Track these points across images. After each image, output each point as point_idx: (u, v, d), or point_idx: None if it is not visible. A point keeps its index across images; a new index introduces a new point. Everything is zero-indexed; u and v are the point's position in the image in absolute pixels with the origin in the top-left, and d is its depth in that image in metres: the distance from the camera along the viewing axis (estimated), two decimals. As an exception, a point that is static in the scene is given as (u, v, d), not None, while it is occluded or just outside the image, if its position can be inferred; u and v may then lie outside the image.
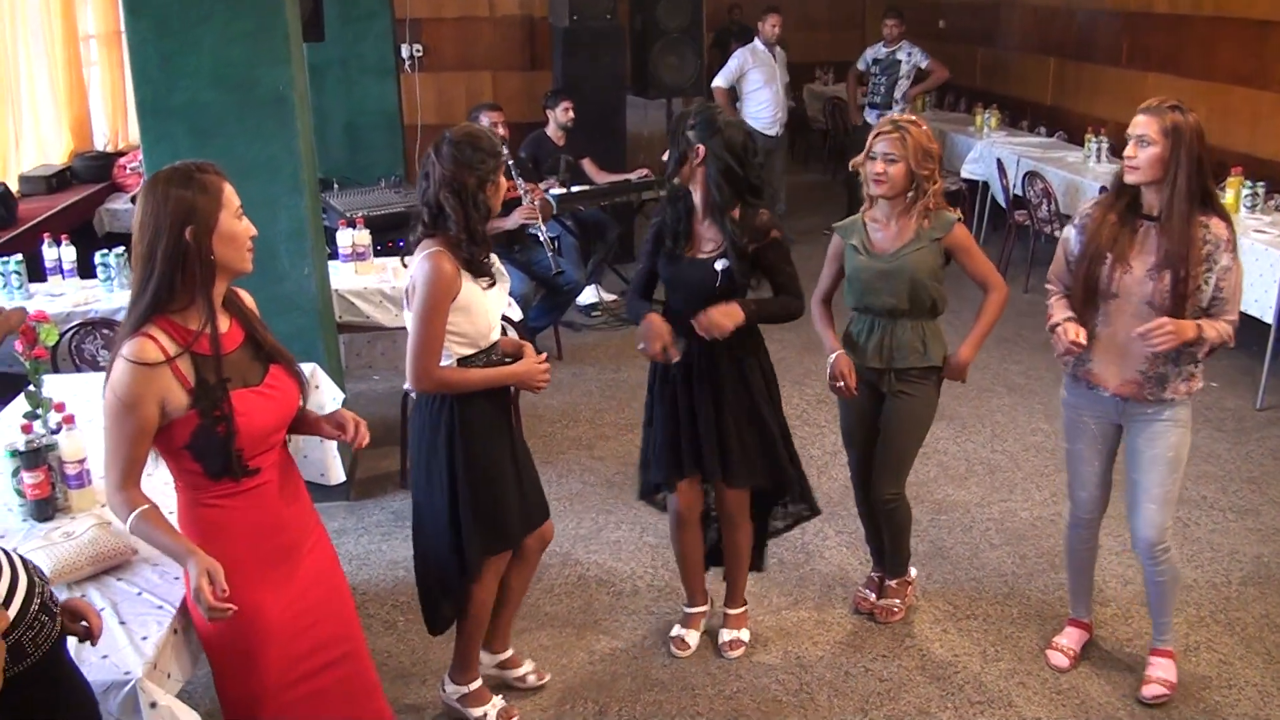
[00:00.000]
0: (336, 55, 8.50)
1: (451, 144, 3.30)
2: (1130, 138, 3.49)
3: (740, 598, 4.22)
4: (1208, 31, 8.49)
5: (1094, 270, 3.57)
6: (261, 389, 2.71)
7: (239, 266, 2.67)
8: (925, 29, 12.73)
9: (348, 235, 5.77)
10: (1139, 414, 3.66)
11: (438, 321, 3.29)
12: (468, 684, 3.78)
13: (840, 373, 3.94)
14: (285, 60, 4.67)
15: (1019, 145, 9.49)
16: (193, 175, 2.59)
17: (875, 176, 3.80)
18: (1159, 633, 3.96)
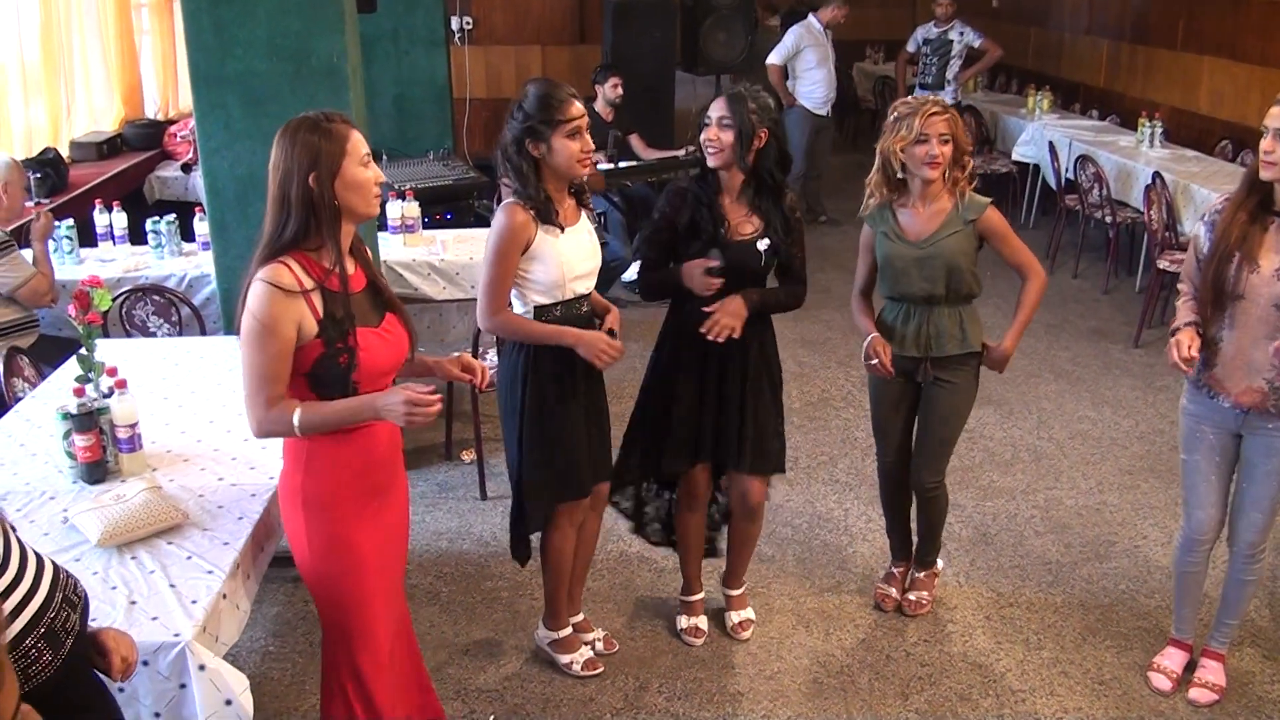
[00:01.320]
0: (388, 27, 8.53)
1: (520, 98, 3.44)
2: (1267, 130, 3.28)
3: (740, 578, 4.21)
4: (1266, 16, 8.33)
5: (1222, 270, 3.40)
6: (380, 330, 2.82)
7: (364, 210, 2.76)
8: (978, 8, 12.59)
9: (397, 207, 5.78)
10: (1259, 426, 3.49)
11: (501, 265, 3.40)
12: (557, 630, 3.93)
13: (875, 351, 3.84)
14: (339, 30, 4.67)
15: (1071, 128, 9.37)
16: (320, 123, 2.68)
17: (931, 159, 3.70)
18: (1219, 634, 3.87)
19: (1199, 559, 3.78)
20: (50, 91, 7.28)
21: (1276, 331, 3.34)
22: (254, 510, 3.17)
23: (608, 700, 3.82)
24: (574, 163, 3.39)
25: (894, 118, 3.76)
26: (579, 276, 3.51)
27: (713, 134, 3.61)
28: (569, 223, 3.49)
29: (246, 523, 3.10)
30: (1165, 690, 3.87)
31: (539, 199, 3.39)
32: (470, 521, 4.92)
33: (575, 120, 3.36)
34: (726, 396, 3.80)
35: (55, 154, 6.91)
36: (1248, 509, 3.60)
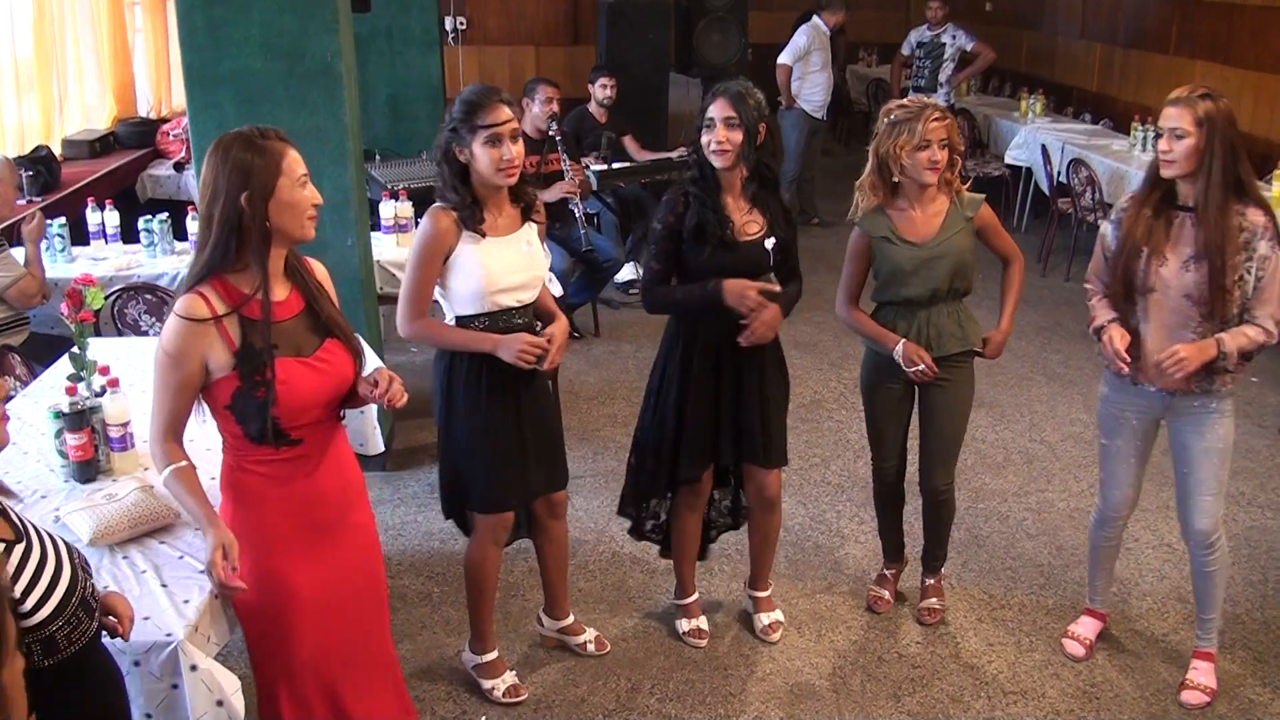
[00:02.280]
0: (382, 26, 8.50)
1: (452, 102, 3.38)
2: (1163, 131, 3.44)
3: (768, 580, 4.21)
4: (1259, 20, 8.36)
5: (1131, 265, 3.54)
6: (312, 360, 2.71)
7: (298, 234, 2.66)
8: (971, 11, 12.62)
9: (390, 207, 5.78)
10: (1185, 408, 3.62)
11: (422, 271, 3.36)
12: (481, 654, 3.85)
13: (916, 356, 3.80)
14: (334, 30, 4.67)
15: (1064, 132, 9.39)
16: (254, 140, 2.59)
17: (934, 164, 3.71)
18: (1203, 632, 3.91)
19: (1114, 534, 4.00)
20: (43, 89, 7.27)
21: (1189, 320, 3.49)
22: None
23: (600, 701, 3.81)
24: (494, 171, 3.28)
25: (891, 120, 3.75)
26: (506, 289, 3.40)
27: (721, 135, 3.56)
28: (502, 232, 3.40)
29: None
30: (1079, 655, 4.04)
31: (464, 204, 3.32)
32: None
33: (496, 127, 3.25)
34: (745, 396, 3.80)
35: (48, 152, 6.90)
36: (1194, 494, 3.68)
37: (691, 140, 3.70)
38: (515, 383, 3.49)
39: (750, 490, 4.00)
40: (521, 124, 6.12)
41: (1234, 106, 3.47)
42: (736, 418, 3.81)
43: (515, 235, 3.45)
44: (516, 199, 3.46)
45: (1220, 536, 3.74)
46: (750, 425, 3.82)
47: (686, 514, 4.01)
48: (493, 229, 3.38)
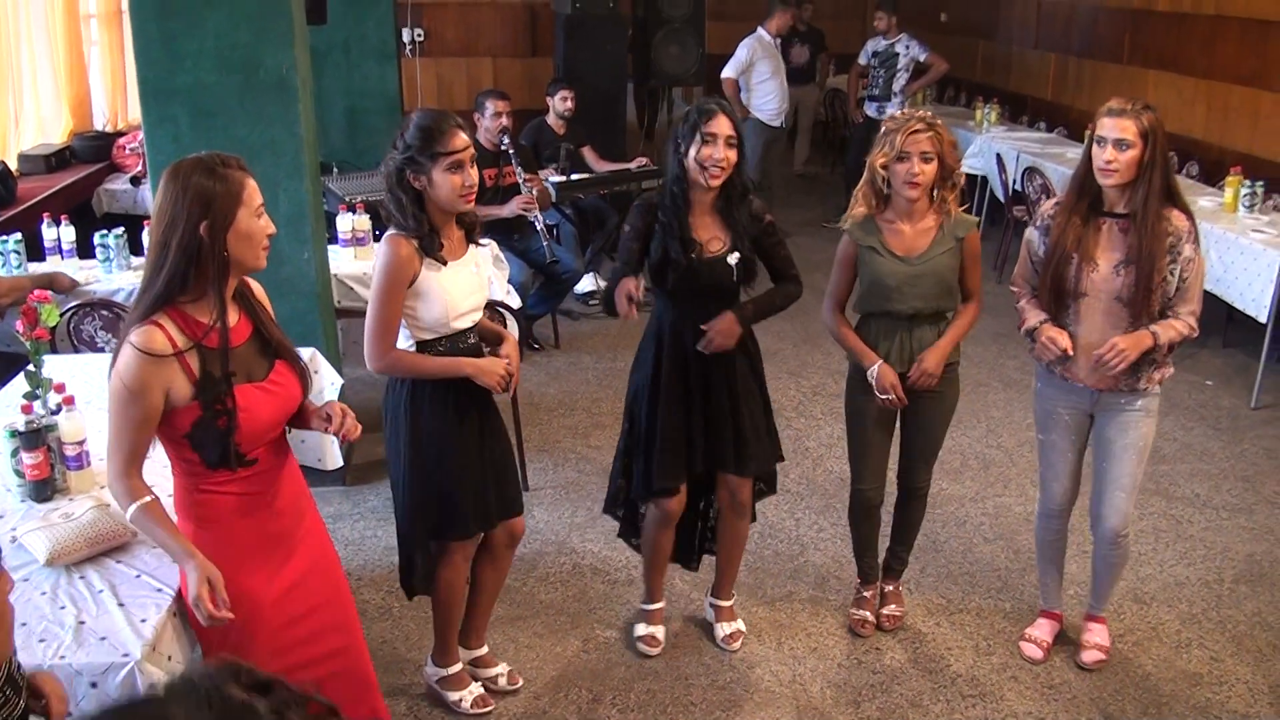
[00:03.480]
0: (338, 39, 8.50)
1: (399, 130, 3.33)
2: (1105, 141, 3.49)
3: (730, 589, 4.23)
4: (1209, 30, 8.49)
5: (1062, 270, 3.62)
6: (265, 384, 2.71)
7: (252, 264, 2.65)
8: (927, 21, 12.73)
9: (347, 220, 5.76)
10: (1112, 404, 3.73)
11: (389, 303, 3.31)
12: (446, 667, 3.83)
13: (890, 384, 3.80)
14: (289, 43, 4.66)
15: (1019, 140, 9.50)
16: (215, 168, 2.56)
17: (911, 179, 3.66)
18: (1098, 602, 4.10)
19: (1058, 527, 4.06)
20: (-3, 103, 7.21)
21: (1119, 321, 3.59)
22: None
23: (560, 713, 3.82)
24: (455, 197, 3.28)
25: (880, 132, 3.77)
26: (464, 313, 3.42)
27: (722, 153, 3.57)
28: (454, 256, 3.40)
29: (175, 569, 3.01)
30: (1037, 659, 4.09)
31: (422, 231, 3.30)
32: (423, 535, 4.90)
33: (457, 153, 3.24)
34: (716, 405, 3.82)
35: (3, 167, 6.83)
36: (1109, 489, 3.79)
37: (678, 154, 3.64)
38: (476, 405, 3.50)
39: (722, 494, 4.00)
40: (477, 137, 6.14)
41: (1186, 114, 3.56)
42: (708, 426, 3.83)
43: (466, 258, 3.46)
44: (459, 221, 3.46)
45: (1128, 534, 3.90)
46: (723, 433, 3.84)
47: (657, 529, 4.00)
48: (449, 253, 3.39)
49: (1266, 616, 4.37)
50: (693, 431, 3.83)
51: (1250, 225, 6.69)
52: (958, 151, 3.84)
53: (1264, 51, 7.88)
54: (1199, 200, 7.25)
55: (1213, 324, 7.40)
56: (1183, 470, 5.56)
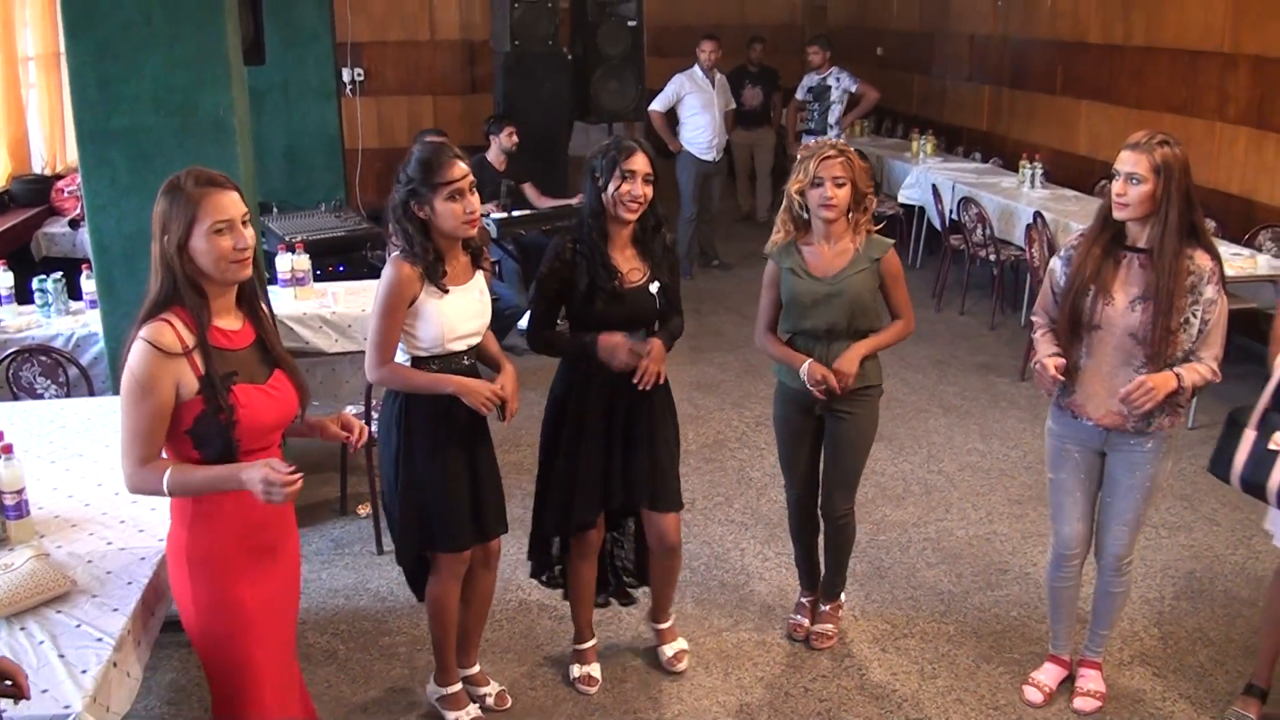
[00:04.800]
0: (278, 79, 8.49)
1: (405, 161, 3.46)
2: (1119, 174, 3.49)
3: (669, 611, 4.26)
4: (1139, 61, 8.71)
5: (1078, 303, 3.60)
6: (265, 387, 2.82)
7: (221, 278, 2.74)
8: (863, 56, 12.96)
9: (287, 260, 5.74)
10: (1121, 443, 3.70)
11: (389, 319, 3.43)
12: (446, 686, 3.91)
13: (821, 374, 3.87)
14: (226, 84, 4.67)
15: (954, 171, 9.66)
16: (179, 185, 2.70)
17: (826, 202, 3.81)
18: (1094, 645, 4.05)
19: (1070, 573, 3.97)
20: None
21: (1131, 358, 3.55)
22: (143, 574, 3.11)
23: (510, 750, 3.82)
24: (458, 224, 3.40)
25: (798, 159, 3.91)
26: (460, 336, 3.53)
27: (640, 189, 3.66)
28: (458, 282, 3.51)
29: (136, 588, 3.05)
30: (1036, 702, 4.03)
31: (427, 259, 3.42)
32: (367, 576, 4.88)
33: (456, 182, 3.37)
34: (634, 440, 3.86)
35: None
36: (1113, 523, 3.80)
37: (596, 188, 3.70)
38: (467, 424, 3.59)
39: (651, 536, 4.03)
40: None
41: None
42: (625, 463, 3.87)
43: (470, 284, 3.57)
44: (466, 246, 3.57)
45: (1130, 562, 3.88)
46: (640, 471, 3.88)
47: (579, 562, 4.04)
48: (452, 280, 3.50)
49: (1208, 632, 4.45)
50: (611, 466, 3.88)
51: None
52: (870, 177, 3.94)
53: (1193, 81, 8.10)
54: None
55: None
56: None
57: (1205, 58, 7.97)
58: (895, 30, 13.04)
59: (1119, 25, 8.95)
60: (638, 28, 9.67)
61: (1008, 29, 10.66)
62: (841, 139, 9.90)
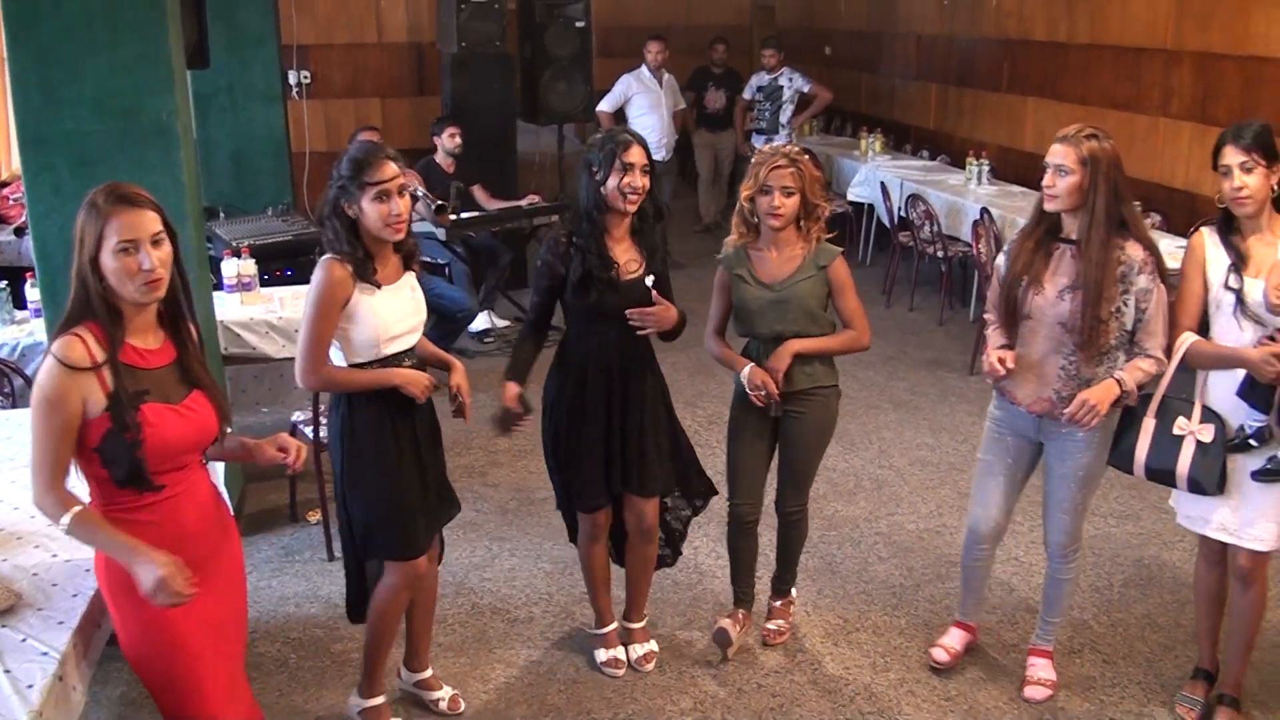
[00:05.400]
0: (223, 82, 8.40)
1: (339, 159, 3.46)
2: (1049, 166, 3.58)
3: (643, 610, 4.29)
4: (1084, 58, 8.83)
5: (1012, 293, 3.70)
6: (179, 408, 2.75)
7: (130, 298, 2.67)
8: (812, 55, 13.03)
9: (233, 265, 5.69)
10: (1054, 432, 3.77)
11: (322, 322, 3.40)
12: (369, 698, 3.84)
13: (761, 380, 3.91)
14: (169, 89, 4.62)
15: (902, 168, 9.74)
16: (94, 202, 2.64)
17: (773, 210, 3.85)
18: (1044, 632, 4.12)
19: (981, 555, 4.10)
20: None
21: (1061, 346, 3.64)
22: (89, 586, 3.05)
23: (463, 754, 3.81)
24: (383, 225, 3.38)
25: (750, 165, 3.94)
26: (395, 336, 3.51)
27: (640, 180, 3.72)
28: (389, 281, 3.50)
29: (81, 600, 3.00)
30: (943, 662, 4.17)
31: (356, 256, 3.40)
32: (318, 584, 4.84)
33: (384, 183, 3.35)
34: (629, 426, 3.91)
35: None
36: (1054, 511, 3.87)
37: (594, 181, 3.74)
38: (414, 424, 3.58)
39: (629, 519, 4.08)
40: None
41: None
42: (624, 449, 3.93)
43: (401, 283, 3.56)
44: (397, 248, 3.56)
45: (1077, 550, 3.95)
46: (629, 455, 3.93)
47: (589, 545, 4.10)
48: (384, 278, 3.48)
49: (1156, 618, 4.52)
50: (610, 451, 3.93)
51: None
52: (821, 188, 3.97)
53: (1137, 77, 8.22)
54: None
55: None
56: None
57: (1149, 55, 8.10)
58: (843, 30, 13.12)
59: (1063, 23, 9.06)
60: (585, 29, 9.66)
61: (954, 28, 10.77)
62: (792, 138, 10.00)
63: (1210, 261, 3.55)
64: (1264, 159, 3.40)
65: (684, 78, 10.52)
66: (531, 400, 3.92)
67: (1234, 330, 3.50)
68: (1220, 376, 3.55)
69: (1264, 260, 3.45)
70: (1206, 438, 3.55)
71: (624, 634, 4.29)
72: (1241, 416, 3.51)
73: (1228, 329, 3.52)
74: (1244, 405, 3.48)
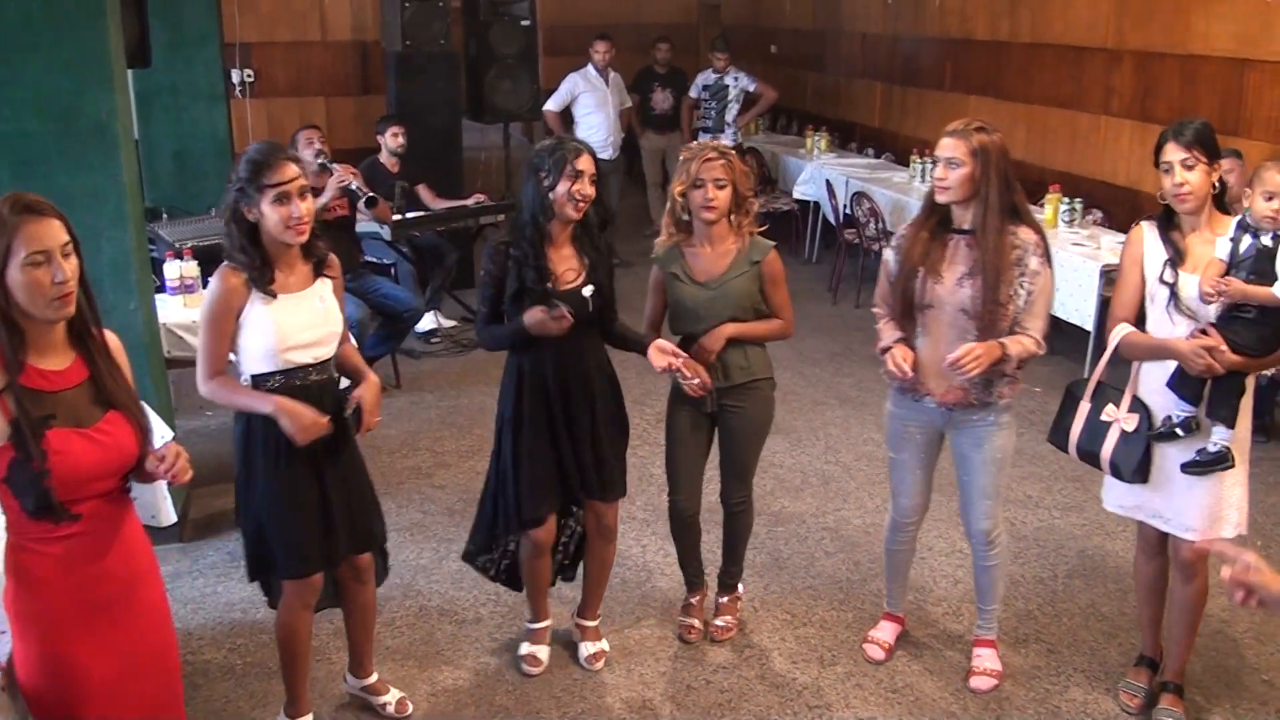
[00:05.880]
0: (165, 82, 8.31)
1: (237, 161, 3.39)
2: (939, 160, 3.68)
3: (597, 610, 4.30)
4: (1026, 57, 8.94)
5: (909, 284, 3.77)
6: (91, 432, 2.63)
7: (41, 314, 2.56)
8: (758, 54, 13.08)
9: (175, 267, 5.64)
10: (964, 420, 3.85)
11: (214, 330, 3.35)
12: (294, 718, 3.80)
13: (692, 372, 3.91)
14: (109, 88, 4.56)
15: (848, 166, 9.82)
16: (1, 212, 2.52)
17: (707, 204, 3.88)
18: (985, 623, 4.19)
19: (905, 539, 4.20)
20: None
21: (965, 333, 3.71)
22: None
23: (411, 755, 3.79)
24: (283, 229, 3.29)
25: (680, 161, 3.95)
26: (297, 346, 3.39)
27: (589, 188, 3.71)
28: (294, 289, 3.41)
29: (6, 639, 2.80)
30: (879, 659, 4.24)
31: (254, 264, 3.32)
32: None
33: (284, 185, 3.26)
34: (579, 433, 3.90)
35: None
36: (975, 499, 3.95)
37: (544, 189, 3.70)
38: (316, 443, 3.43)
39: (589, 520, 4.11)
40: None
41: (1007, 137, 3.76)
42: (574, 455, 3.91)
43: (308, 291, 3.45)
44: (308, 255, 3.46)
45: (1000, 534, 4.01)
46: (585, 461, 3.92)
47: (534, 560, 4.06)
48: (284, 287, 3.38)
49: (1100, 607, 4.59)
50: (562, 461, 3.91)
51: (1070, 240, 7.05)
52: (750, 182, 4.02)
53: (1079, 75, 8.34)
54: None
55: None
56: (1015, 474, 5.78)
57: (1090, 53, 8.21)
58: (788, 29, 13.19)
59: (1005, 22, 9.16)
60: (531, 27, 9.66)
61: (898, 27, 10.86)
62: (738, 137, 10.05)
63: (1148, 255, 3.63)
64: (1205, 156, 3.46)
65: (631, 77, 10.50)
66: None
67: (1166, 323, 3.58)
68: (1152, 367, 3.63)
69: (1201, 257, 3.52)
70: (1130, 427, 3.64)
71: (577, 631, 4.30)
72: (1171, 407, 3.59)
73: (1161, 322, 3.60)
74: (1173, 396, 3.55)
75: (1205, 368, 3.39)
